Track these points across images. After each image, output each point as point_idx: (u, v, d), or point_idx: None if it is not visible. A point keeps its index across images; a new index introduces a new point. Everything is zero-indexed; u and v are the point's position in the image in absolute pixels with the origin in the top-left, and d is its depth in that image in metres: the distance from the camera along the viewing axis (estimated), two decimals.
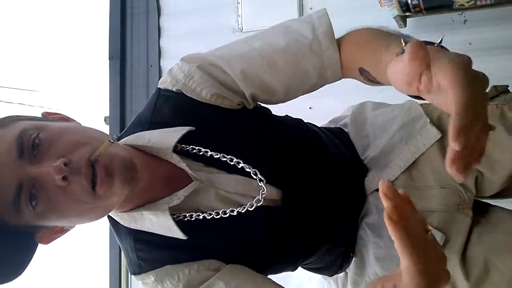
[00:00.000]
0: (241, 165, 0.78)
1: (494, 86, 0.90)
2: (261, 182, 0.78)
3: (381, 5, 1.71)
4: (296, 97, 0.87)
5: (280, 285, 0.79)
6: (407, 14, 1.71)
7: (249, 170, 0.79)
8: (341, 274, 1.00)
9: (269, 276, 0.84)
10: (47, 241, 0.73)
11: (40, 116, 0.75)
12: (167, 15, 2.62)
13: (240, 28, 2.44)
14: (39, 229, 0.70)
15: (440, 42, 0.61)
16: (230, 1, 2.46)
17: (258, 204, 0.77)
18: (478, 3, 1.58)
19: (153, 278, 0.76)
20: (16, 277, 0.67)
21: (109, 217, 0.80)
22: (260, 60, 0.80)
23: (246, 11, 2.43)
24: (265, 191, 0.78)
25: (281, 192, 0.82)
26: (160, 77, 2.60)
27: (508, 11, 1.76)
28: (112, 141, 0.65)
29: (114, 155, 0.67)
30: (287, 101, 0.88)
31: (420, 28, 1.96)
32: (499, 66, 1.80)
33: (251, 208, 0.77)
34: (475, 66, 0.86)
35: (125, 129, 0.85)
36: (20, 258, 0.69)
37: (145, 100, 0.89)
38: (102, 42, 2.69)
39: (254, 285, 0.76)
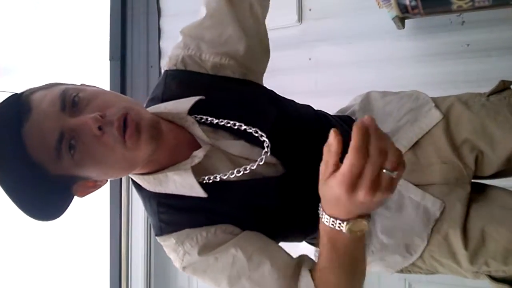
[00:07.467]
0: (244, 127, 0.86)
1: (502, 81, 0.99)
2: (262, 137, 0.85)
3: (379, 6, 1.72)
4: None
5: (289, 255, 0.85)
6: (406, 15, 1.72)
7: (250, 130, 0.86)
8: None
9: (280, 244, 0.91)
10: (81, 194, 0.82)
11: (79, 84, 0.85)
12: (168, 17, 2.63)
13: None
14: (75, 181, 0.79)
15: None
16: None
17: (265, 158, 0.84)
18: (477, 4, 1.59)
19: (174, 241, 0.84)
20: (50, 220, 0.78)
21: (135, 183, 0.89)
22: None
23: None
24: (268, 144, 0.84)
25: (280, 163, 0.88)
26: None
27: (506, 13, 1.78)
28: None
29: (143, 115, 0.77)
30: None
31: (418, 29, 1.97)
32: (496, 68, 1.81)
33: (261, 162, 0.83)
34: (473, 68, 0.89)
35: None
36: (57, 204, 0.79)
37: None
38: (102, 43, 2.70)
39: (268, 254, 0.82)
